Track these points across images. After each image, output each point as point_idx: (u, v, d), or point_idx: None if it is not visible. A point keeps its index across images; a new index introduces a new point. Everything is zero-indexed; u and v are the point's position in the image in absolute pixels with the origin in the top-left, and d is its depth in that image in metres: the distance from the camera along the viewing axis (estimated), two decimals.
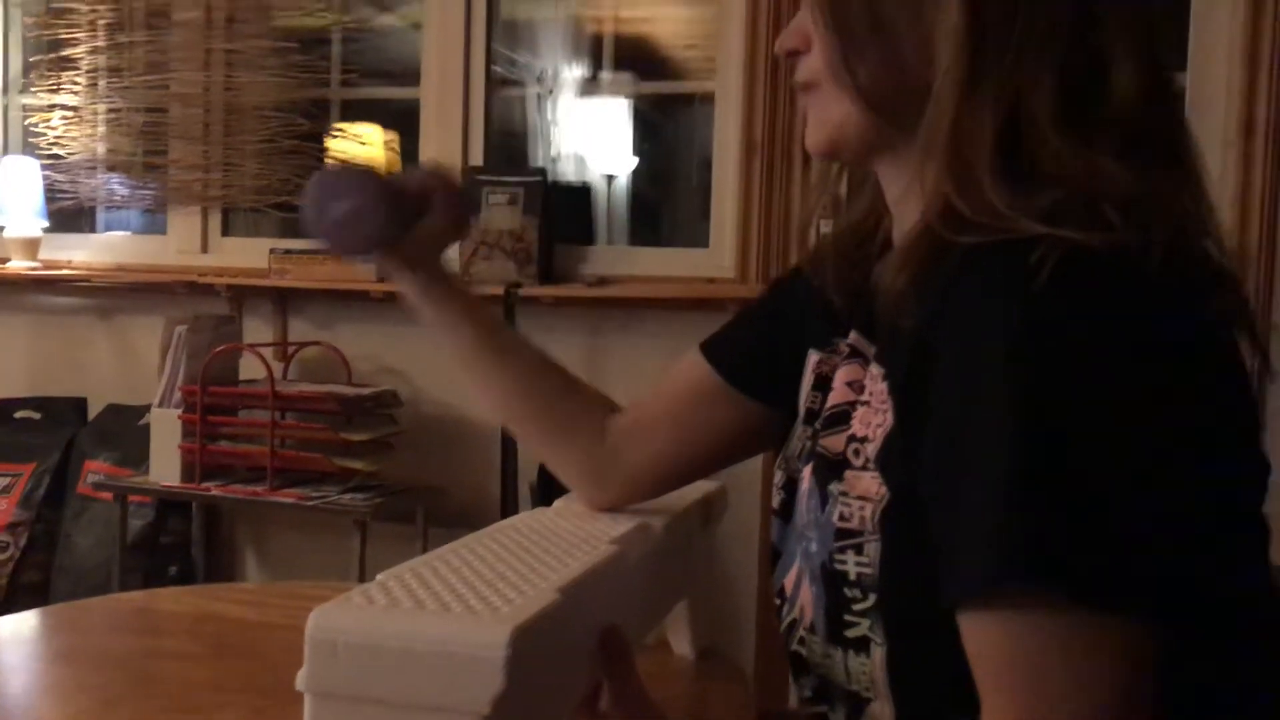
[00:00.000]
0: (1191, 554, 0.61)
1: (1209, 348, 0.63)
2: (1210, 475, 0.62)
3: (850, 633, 0.70)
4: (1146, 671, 0.58)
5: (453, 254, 2.58)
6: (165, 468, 2.47)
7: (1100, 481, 0.57)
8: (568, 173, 3.26)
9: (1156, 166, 0.65)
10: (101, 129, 2.94)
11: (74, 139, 2.96)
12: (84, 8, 2.91)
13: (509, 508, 2.36)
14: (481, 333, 0.98)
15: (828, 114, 0.74)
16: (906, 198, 0.73)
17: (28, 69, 3.06)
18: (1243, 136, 2.11)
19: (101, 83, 2.93)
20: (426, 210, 0.93)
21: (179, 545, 2.71)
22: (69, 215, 3.01)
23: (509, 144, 3.08)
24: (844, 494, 0.72)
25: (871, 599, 0.69)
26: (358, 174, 0.95)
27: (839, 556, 0.71)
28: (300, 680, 0.64)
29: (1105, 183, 0.62)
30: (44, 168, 2.92)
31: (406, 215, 0.92)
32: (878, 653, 0.69)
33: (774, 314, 0.91)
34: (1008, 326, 0.58)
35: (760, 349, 0.91)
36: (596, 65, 2.93)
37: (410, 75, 2.75)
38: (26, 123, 3.04)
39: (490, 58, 2.70)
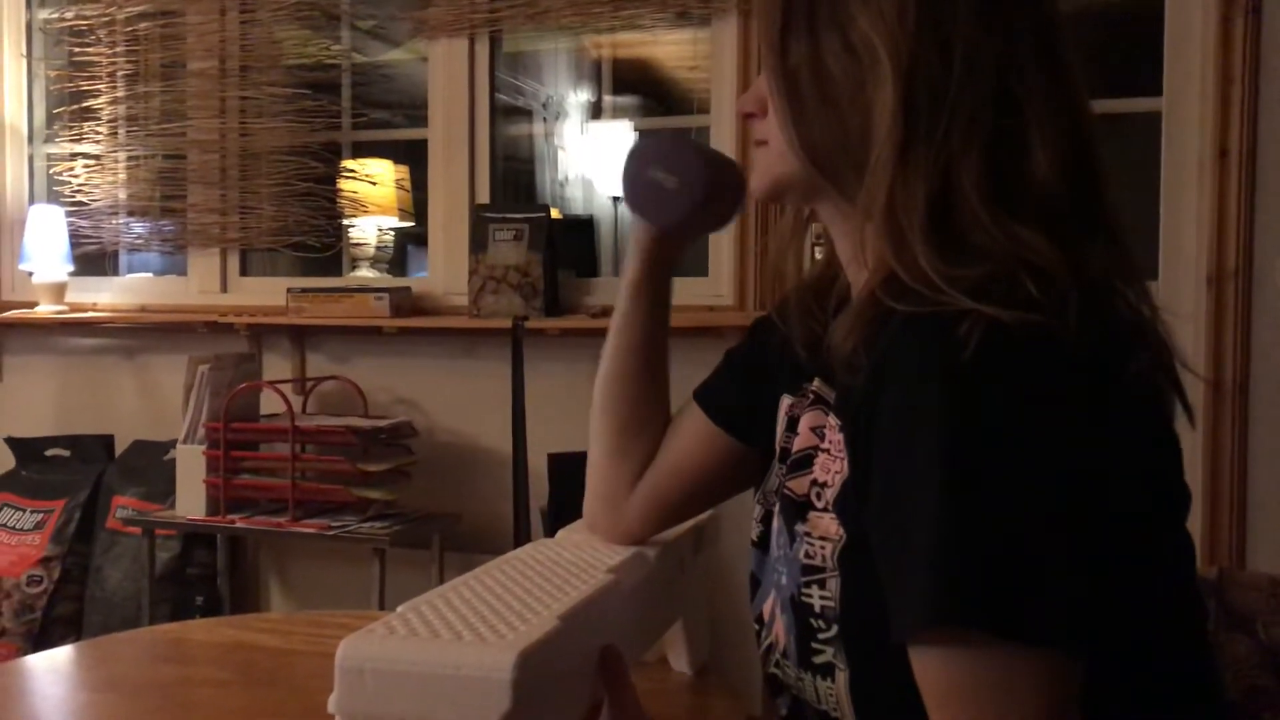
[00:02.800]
0: (1111, 588, 0.67)
1: (1122, 401, 0.69)
2: (1127, 513, 0.69)
3: (817, 659, 0.77)
4: (1073, 697, 0.65)
5: (464, 287, 2.67)
6: (191, 502, 2.53)
7: (1020, 529, 0.63)
8: (575, 198, 3.32)
9: (1075, 236, 0.71)
10: (122, 176, 3.02)
11: (96, 186, 3.04)
12: (104, 60, 3.00)
13: (521, 532, 2.42)
14: (654, 336, 1.02)
15: (774, 167, 0.81)
16: (855, 261, 0.80)
17: (51, 120, 3.14)
18: (1216, 159, 2.15)
19: (122, 131, 3.01)
20: (716, 199, 0.98)
21: (205, 576, 2.77)
22: (93, 259, 3.09)
23: (517, 170, 3.15)
24: (808, 534, 0.78)
25: (834, 629, 0.76)
26: (687, 151, 0.98)
27: (805, 590, 0.78)
28: (331, 704, 0.70)
29: (1026, 252, 0.69)
30: (68, 214, 3.00)
31: (712, 207, 0.97)
32: (841, 677, 0.75)
33: (753, 358, 0.99)
34: (937, 393, 0.65)
35: (744, 393, 0.98)
36: (599, 91, 3.00)
37: (419, 107, 2.81)
38: (51, 172, 3.12)
39: (495, 88, 2.76)
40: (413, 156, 2.94)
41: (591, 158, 3.18)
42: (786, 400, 0.91)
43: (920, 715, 0.67)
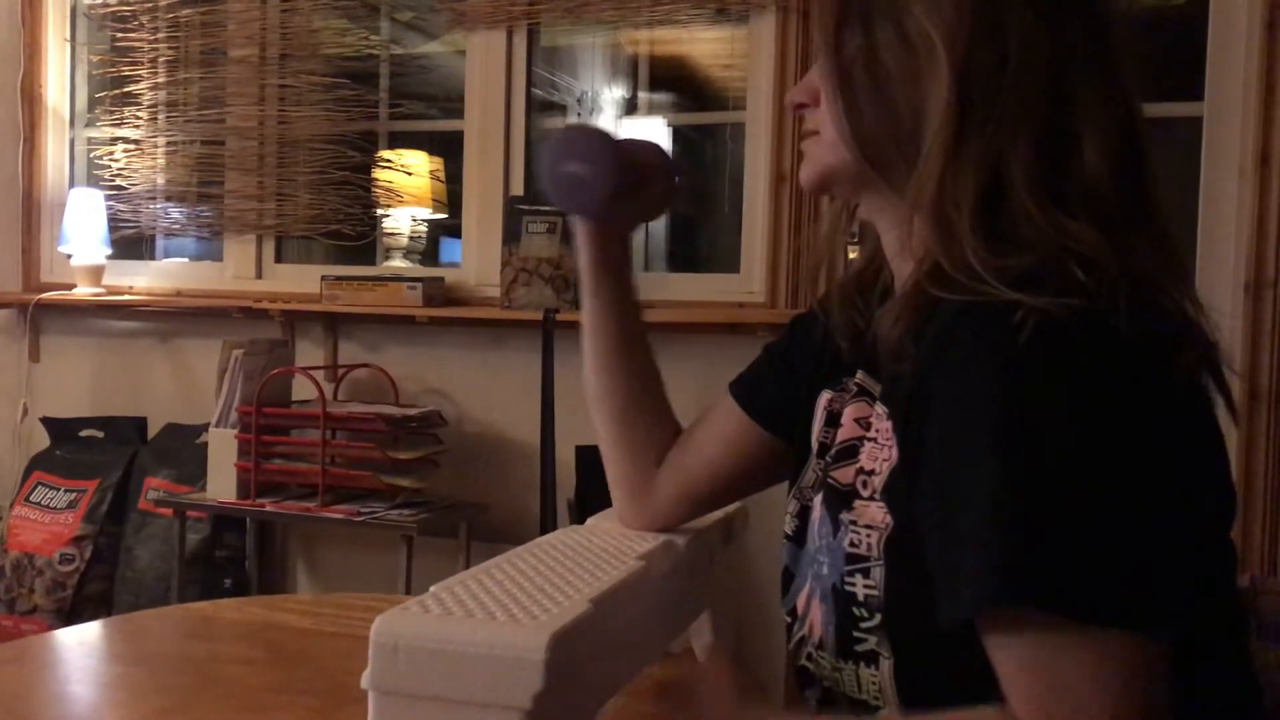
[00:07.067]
0: (1163, 573, 0.67)
1: (1171, 393, 0.70)
2: (1174, 505, 0.68)
3: (860, 647, 0.77)
4: (1154, 679, 0.64)
5: (496, 279, 2.67)
6: (222, 485, 2.55)
7: (1072, 512, 0.64)
8: None
9: (1125, 230, 0.71)
10: (161, 161, 3.05)
11: (136, 170, 3.08)
12: (145, 46, 3.04)
13: (548, 523, 2.42)
14: (625, 326, 1.02)
15: (824, 157, 0.82)
16: (901, 253, 0.80)
17: (93, 104, 3.18)
18: (1258, 167, 2.13)
19: (161, 117, 3.04)
20: (644, 184, 0.98)
21: (234, 559, 2.80)
22: (130, 243, 3.12)
23: None
24: (853, 522, 0.78)
25: (878, 618, 0.76)
26: (597, 139, 0.96)
27: (849, 579, 0.78)
28: (364, 679, 0.71)
29: (1073, 243, 0.69)
30: (107, 198, 3.03)
31: (629, 187, 0.96)
32: (886, 665, 0.76)
33: (791, 353, 0.99)
34: (993, 379, 0.66)
35: (782, 388, 0.98)
36: (634, 87, 3.00)
37: (455, 99, 2.83)
38: (91, 155, 3.16)
39: (531, 82, 2.77)
40: (448, 148, 2.95)
41: None
42: (826, 395, 0.91)
43: (964, 697, 0.67)
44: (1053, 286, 0.66)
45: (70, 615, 2.74)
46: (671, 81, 3.10)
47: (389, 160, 2.96)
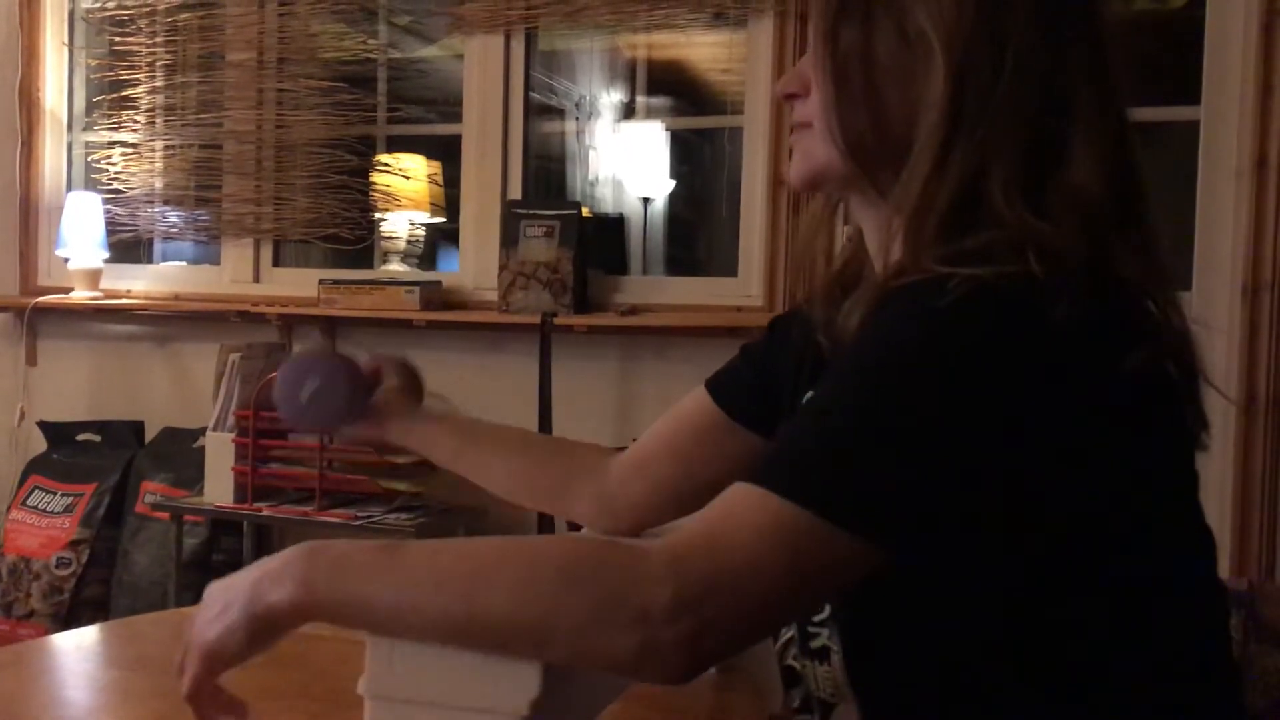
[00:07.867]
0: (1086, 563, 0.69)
1: (1082, 384, 0.68)
2: (1082, 490, 0.69)
3: (814, 644, 0.78)
4: (827, 570, 0.65)
5: (494, 282, 2.68)
6: (219, 489, 2.55)
7: (882, 448, 0.65)
8: (605, 197, 3.33)
9: (1110, 237, 0.71)
10: (159, 165, 3.05)
11: (133, 174, 3.08)
12: (143, 50, 3.04)
13: (545, 528, 2.42)
14: (461, 441, 1.09)
15: (813, 154, 0.80)
16: (880, 253, 0.80)
17: (91, 108, 3.18)
18: (1255, 168, 2.13)
19: (159, 121, 3.04)
20: (379, 381, 1.09)
21: (231, 563, 2.79)
22: (128, 247, 3.12)
23: (549, 169, 3.16)
24: None
25: (827, 610, 0.76)
26: (318, 358, 1.10)
27: None
28: (361, 686, 0.71)
29: (1038, 236, 0.69)
30: (105, 202, 3.03)
31: (366, 387, 1.08)
32: (836, 659, 0.77)
33: (773, 352, 0.99)
34: (909, 330, 0.67)
35: (760, 385, 0.98)
36: (632, 91, 3.01)
37: (454, 103, 2.83)
38: (89, 159, 3.16)
39: (529, 86, 2.77)
40: (446, 152, 2.96)
41: (623, 157, 3.19)
42: (810, 395, 0.91)
43: (914, 687, 0.68)
44: (999, 263, 0.66)
45: (67, 620, 2.73)
46: (669, 85, 3.10)
47: (387, 164, 2.96)
